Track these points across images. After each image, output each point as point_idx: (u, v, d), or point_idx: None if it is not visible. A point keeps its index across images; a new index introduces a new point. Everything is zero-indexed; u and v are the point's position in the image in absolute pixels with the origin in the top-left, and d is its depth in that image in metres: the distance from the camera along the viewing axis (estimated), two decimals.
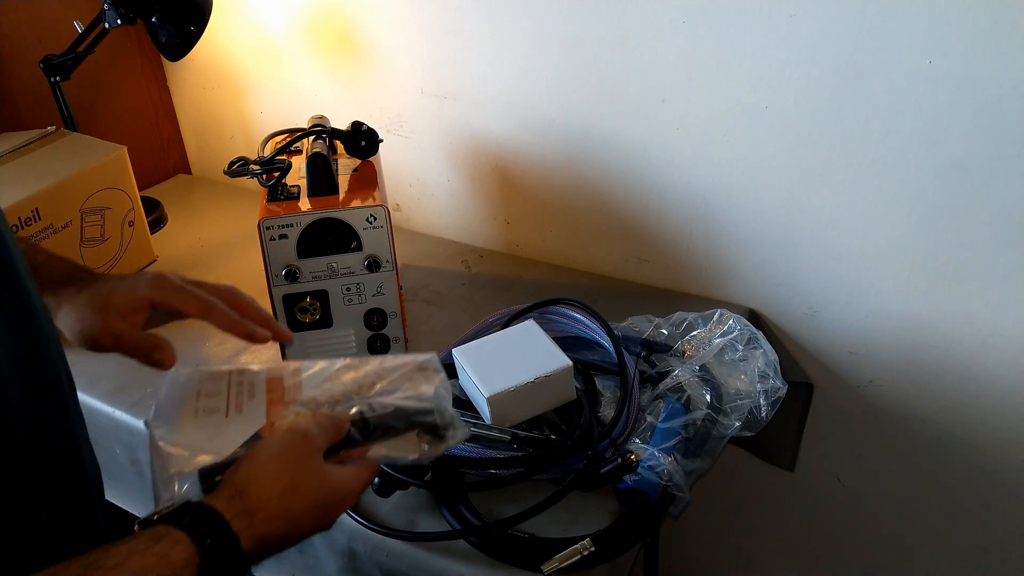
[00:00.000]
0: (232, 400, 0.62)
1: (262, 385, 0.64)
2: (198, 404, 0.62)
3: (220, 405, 0.62)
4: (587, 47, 1.09)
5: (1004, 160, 0.90)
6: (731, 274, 1.15)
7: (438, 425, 0.62)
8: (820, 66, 0.95)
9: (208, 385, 0.64)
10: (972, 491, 1.11)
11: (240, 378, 0.65)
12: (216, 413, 0.61)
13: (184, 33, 1.21)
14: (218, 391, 0.63)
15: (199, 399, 0.62)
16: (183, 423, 0.60)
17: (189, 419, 0.60)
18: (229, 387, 0.64)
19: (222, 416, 0.61)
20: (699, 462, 0.84)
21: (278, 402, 0.62)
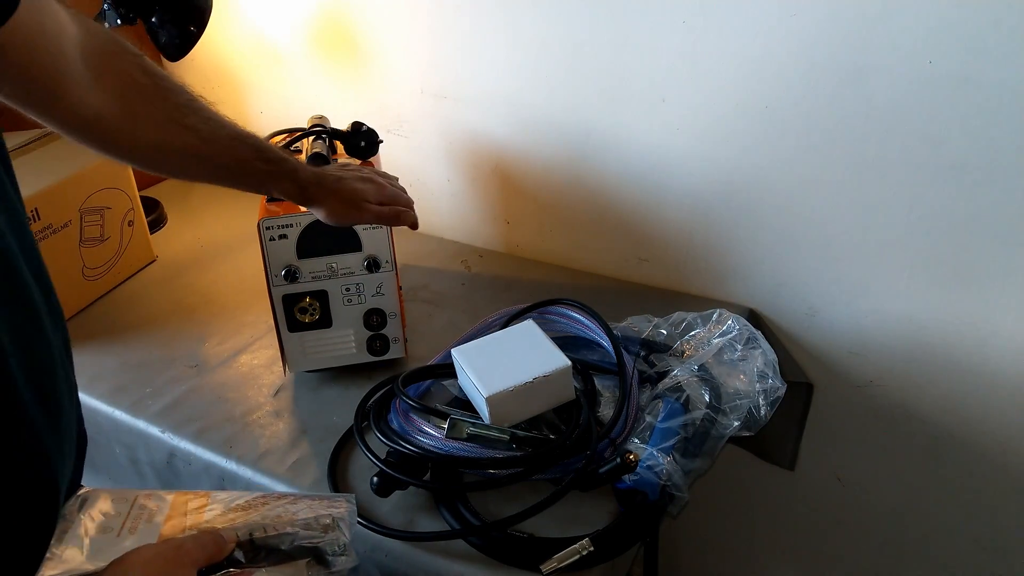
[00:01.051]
0: (128, 522, 0.64)
1: (165, 509, 0.65)
2: (96, 522, 0.63)
3: (115, 525, 0.63)
4: (587, 47, 1.09)
5: (1004, 160, 0.90)
6: (731, 274, 1.15)
7: (325, 552, 0.62)
8: (820, 66, 0.95)
9: (114, 505, 0.65)
10: (972, 491, 1.11)
11: (145, 501, 0.66)
12: (109, 532, 0.62)
13: (184, 33, 1.22)
14: (119, 512, 0.64)
15: (99, 517, 0.64)
16: (77, 537, 0.61)
17: (83, 535, 0.61)
18: (131, 508, 0.65)
19: (114, 535, 0.62)
20: (698, 462, 0.84)
21: (177, 526, 0.63)
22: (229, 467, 0.91)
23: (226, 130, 0.81)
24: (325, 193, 0.86)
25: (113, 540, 0.61)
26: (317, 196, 0.86)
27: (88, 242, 1.20)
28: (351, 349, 1.01)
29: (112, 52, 0.72)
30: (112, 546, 0.60)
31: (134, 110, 0.73)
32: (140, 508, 0.65)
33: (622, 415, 0.87)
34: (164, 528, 0.62)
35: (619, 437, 0.86)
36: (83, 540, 0.60)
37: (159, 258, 1.34)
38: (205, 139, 0.78)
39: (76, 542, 0.60)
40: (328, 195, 0.86)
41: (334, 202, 0.87)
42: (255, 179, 0.83)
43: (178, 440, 0.95)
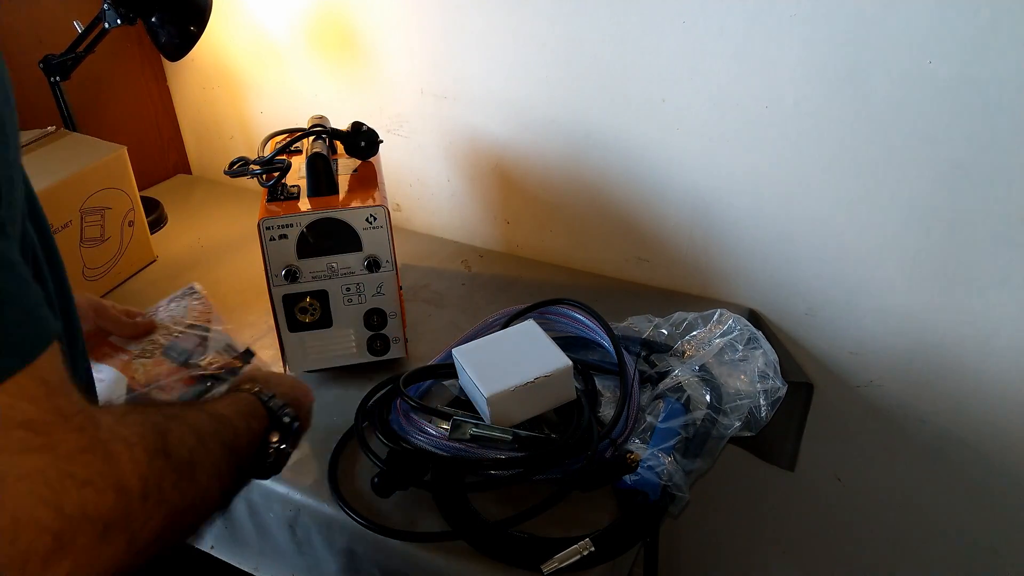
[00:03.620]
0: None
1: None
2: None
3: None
4: (587, 47, 1.09)
5: (1004, 160, 0.90)
6: (731, 274, 1.15)
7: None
8: (820, 66, 0.95)
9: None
10: (972, 491, 1.11)
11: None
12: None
13: (184, 33, 1.21)
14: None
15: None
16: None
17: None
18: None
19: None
20: (699, 462, 0.84)
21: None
22: None
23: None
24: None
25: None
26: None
27: (88, 242, 1.20)
28: (351, 349, 1.01)
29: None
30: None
31: None
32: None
33: (623, 415, 0.87)
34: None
35: (620, 437, 0.86)
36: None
37: (159, 258, 1.33)
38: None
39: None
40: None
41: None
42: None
43: None
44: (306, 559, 0.90)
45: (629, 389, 0.90)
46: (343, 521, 0.83)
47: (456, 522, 0.80)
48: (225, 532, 0.96)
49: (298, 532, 0.88)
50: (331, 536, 0.85)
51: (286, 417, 0.65)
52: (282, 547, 0.91)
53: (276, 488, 0.88)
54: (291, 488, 0.87)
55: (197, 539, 0.96)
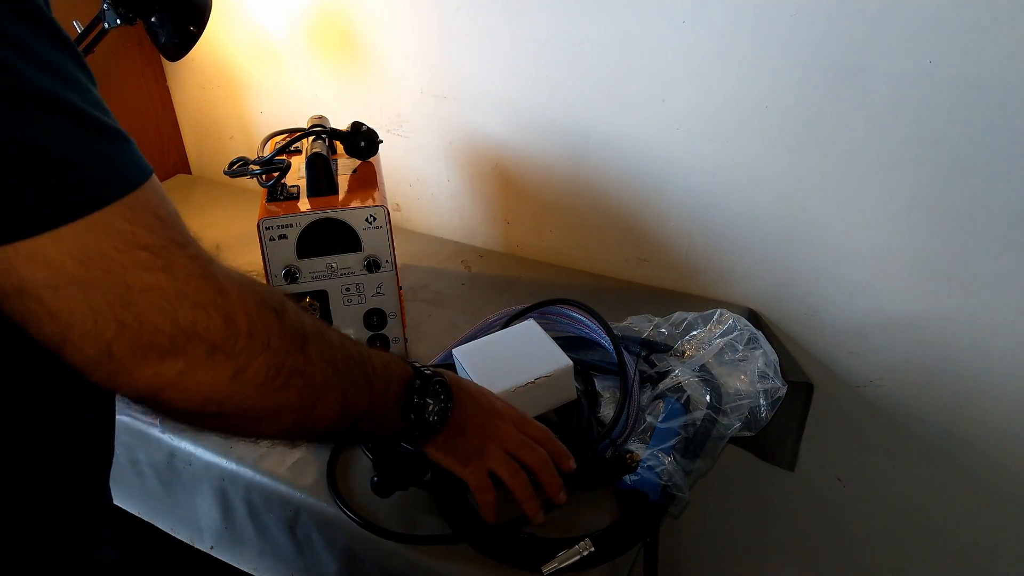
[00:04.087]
0: None
1: None
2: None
3: None
4: (587, 47, 1.09)
5: (1004, 160, 0.90)
6: (731, 274, 1.15)
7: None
8: (820, 66, 0.95)
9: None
10: (972, 491, 1.11)
11: None
12: None
13: (184, 33, 1.21)
14: None
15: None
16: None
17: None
18: None
19: None
20: (699, 462, 0.84)
21: None
22: (229, 467, 0.91)
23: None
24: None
25: None
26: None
27: None
28: None
29: None
30: None
31: None
32: None
33: (623, 415, 0.87)
34: None
35: (620, 437, 0.86)
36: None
37: None
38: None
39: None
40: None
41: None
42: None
43: (178, 441, 0.95)
44: (306, 559, 0.90)
45: (629, 389, 0.90)
46: (343, 521, 0.83)
47: (456, 522, 0.80)
48: (225, 532, 0.96)
49: (298, 532, 0.88)
50: (331, 536, 0.85)
51: (428, 413, 0.63)
52: (282, 547, 0.91)
53: (276, 488, 0.88)
54: (291, 488, 0.87)
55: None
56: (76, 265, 0.40)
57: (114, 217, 0.41)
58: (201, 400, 0.47)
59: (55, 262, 0.40)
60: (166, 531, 1.03)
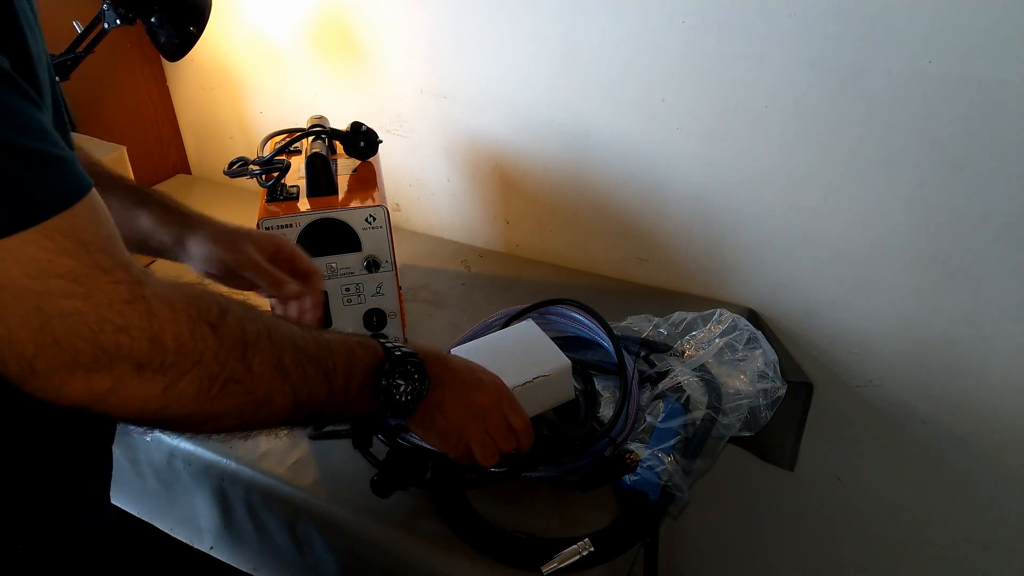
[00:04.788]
0: None
1: None
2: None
3: None
4: (587, 47, 1.09)
5: (1004, 160, 0.90)
6: (731, 274, 1.15)
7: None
8: (820, 66, 0.95)
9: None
10: (972, 491, 1.11)
11: None
12: None
13: (183, 33, 1.21)
14: None
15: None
16: None
17: None
18: None
19: None
20: (698, 462, 0.84)
21: None
22: (229, 467, 0.91)
23: (100, 169, 0.79)
24: (195, 229, 0.82)
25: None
26: (186, 231, 0.81)
27: None
28: None
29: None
30: None
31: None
32: None
33: (622, 414, 0.87)
34: None
35: (619, 437, 0.86)
36: None
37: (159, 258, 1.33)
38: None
39: None
40: (198, 232, 0.82)
41: (204, 243, 0.81)
42: (125, 217, 0.79)
43: (178, 441, 0.95)
44: (306, 559, 0.90)
45: (629, 388, 0.90)
46: (343, 521, 0.83)
47: (456, 522, 0.80)
48: (225, 532, 0.96)
49: (298, 532, 0.88)
50: (331, 536, 0.85)
51: (400, 394, 0.63)
52: (282, 547, 0.91)
53: (276, 488, 0.88)
54: (291, 488, 0.87)
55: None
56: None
57: (27, 245, 0.42)
58: (135, 410, 0.48)
59: None
60: (166, 531, 1.03)
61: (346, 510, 0.83)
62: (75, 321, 0.43)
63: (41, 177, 0.43)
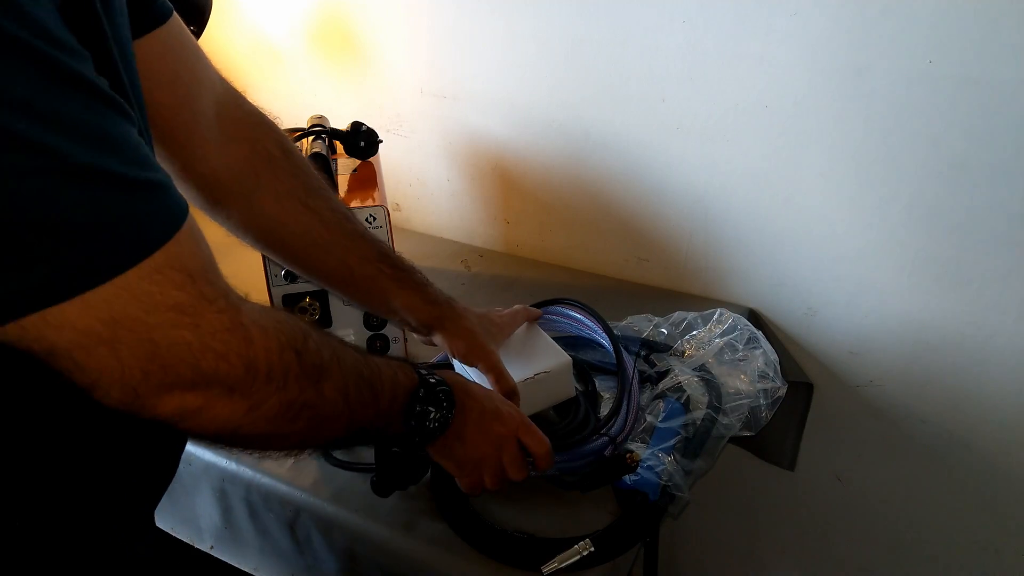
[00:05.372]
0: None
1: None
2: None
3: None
4: (587, 47, 1.09)
5: (1004, 160, 0.90)
6: (731, 274, 1.15)
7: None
8: (820, 66, 0.95)
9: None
10: (972, 491, 1.11)
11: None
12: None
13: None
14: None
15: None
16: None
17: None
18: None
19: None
20: (699, 462, 0.84)
21: None
22: (229, 467, 0.91)
23: (351, 224, 0.78)
24: (453, 320, 0.81)
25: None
26: (444, 320, 0.81)
27: None
28: None
29: (251, 123, 0.77)
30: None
31: (258, 178, 0.74)
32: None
33: (621, 410, 0.87)
34: None
35: (619, 436, 0.86)
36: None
37: None
38: (327, 225, 0.76)
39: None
40: (455, 325, 0.81)
41: (459, 337, 0.81)
42: (378, 285, 0.79)
43: None
44: (306, 559, 0.90)
45: (628, 386, 0.90)
46: (343, 521, 0.83)
47: (456, 522, 0.80)
48: (225, 532, 0.96)
49: (298, 532, 0.88)
50: (331, 536, 0.85)
51: (429, 420, 0.65)
52: (282, 547, 0.91)
53: (276, 488, 0.88)
54: (291, 488, 0.87)
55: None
56: (104, 327, 0.42)
57: (142, 280, 0.43)
58: (216, 429, 0.50)
59: (83, 326, 0.41)
60: (166, 531, 1.02)
61: (346, 510, 0.83)
62: (181, 349, 0.45)
63: (151, 207, 0.44)
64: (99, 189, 0.41)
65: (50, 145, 0.39)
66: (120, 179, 0.42)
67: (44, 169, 0.39)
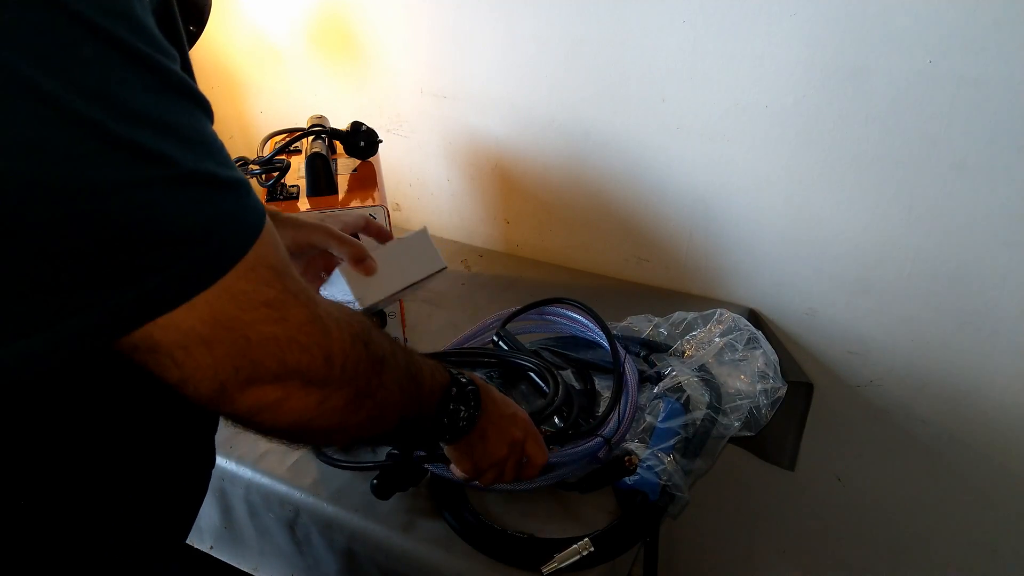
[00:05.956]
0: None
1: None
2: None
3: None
4: (587, 47, 1.09)
5: (1004, 160, 0.90)
6: (731, 274, 1.15)
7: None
8: (820, 66, 0.95)
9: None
10: (972, 491, 1.11)
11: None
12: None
13: (184, 33, 1.21)
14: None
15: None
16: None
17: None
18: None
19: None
20: (698, 462, 0.84)
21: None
22: (229, 467, 0.91)
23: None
24: (278, 219, 0.78)
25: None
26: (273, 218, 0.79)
27: None
28: None
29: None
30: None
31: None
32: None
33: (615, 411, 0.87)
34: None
35: (614, 437, 0.86)
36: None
37: None
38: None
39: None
40: (279, 220, 0.79)
41: (287, 225, 0.79)
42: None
43: None
44: (306, 559, 0.90)
45: (624, 387, 0.90)
46: (343, 521, 0.83)
47: (456, 522, 0.80)
48: (225, 532, 0.96)
49: (298, 532, 0.88)
50: (331, 536, 0.85)
51: (460, 419, 0.66)
52: (282, 547, 0.91)
53: (276, 488, 0.88)
54: (291, 488, 0.87)
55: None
56: (204, 327, 0.43)
57: (239, 280, 0.44)
58: (291, 422, 0.50)
59: (186, 327, 0.43)
60: None
61: (346, 510, 0.83)
62: (271, 344, 0.46)
63: (241, 205, 0.45)
64: (204, 193, 0.42)
65: (165, 153, 0.40)
66: (219, 182, 0.43)
67: (158, 178, 0.40)
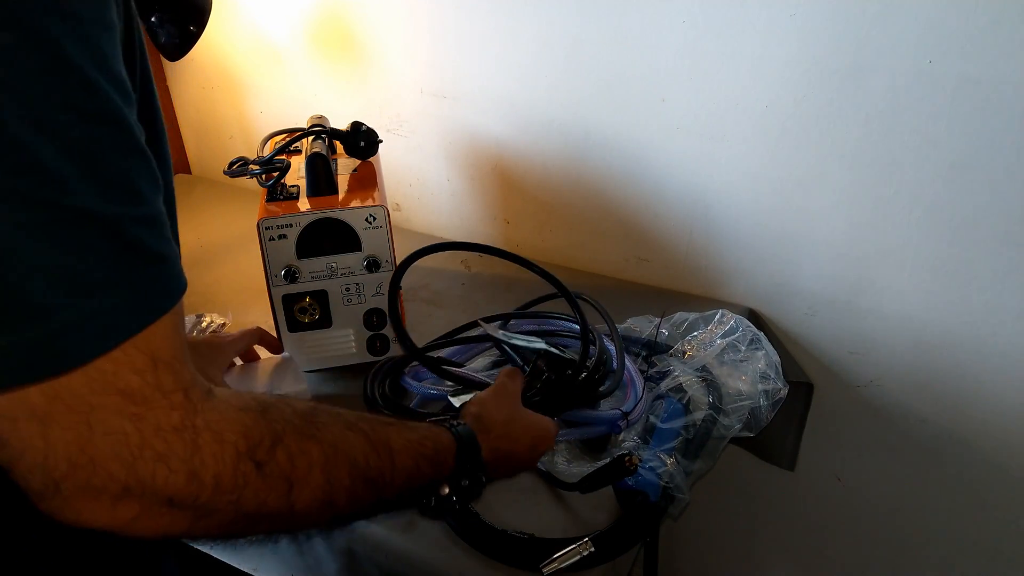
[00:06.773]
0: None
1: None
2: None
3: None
4: (587, 47, 1.09)
5: (1004, 159, 0.90)
6: (731, 274, 1.15)
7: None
8: (820, 66, 0.95)
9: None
10: (971, 491, 1.11)
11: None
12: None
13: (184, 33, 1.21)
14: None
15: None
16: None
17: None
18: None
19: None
20: (699, 463, 0.84)
21: None
22: None
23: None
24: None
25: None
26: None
27: None
28: (351, 349, 1.01)
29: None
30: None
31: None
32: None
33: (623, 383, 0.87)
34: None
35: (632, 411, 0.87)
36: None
37: None
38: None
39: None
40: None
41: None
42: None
43: None
44: (306, 559, 0.89)
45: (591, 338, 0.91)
46: None
47: (456, 522, 0.80)
48: None
49: None
50: (331, 536, 0.85)
51: (465, 480, 0.63)
52: (282, 547, 0.91)
53: None
54: None
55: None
56: (41, 398, 0.38)
57: (101, 358, 0.38)
58: (157, 536, 0.44)
59: (19, 394, 0.37)
60: None
61: None
62: (117, 441, 0.40)
63: (143, 283, 0.40)
64: (109, 251, 0.38)
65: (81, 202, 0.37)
66: (137, 247, 0.39)
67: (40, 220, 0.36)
